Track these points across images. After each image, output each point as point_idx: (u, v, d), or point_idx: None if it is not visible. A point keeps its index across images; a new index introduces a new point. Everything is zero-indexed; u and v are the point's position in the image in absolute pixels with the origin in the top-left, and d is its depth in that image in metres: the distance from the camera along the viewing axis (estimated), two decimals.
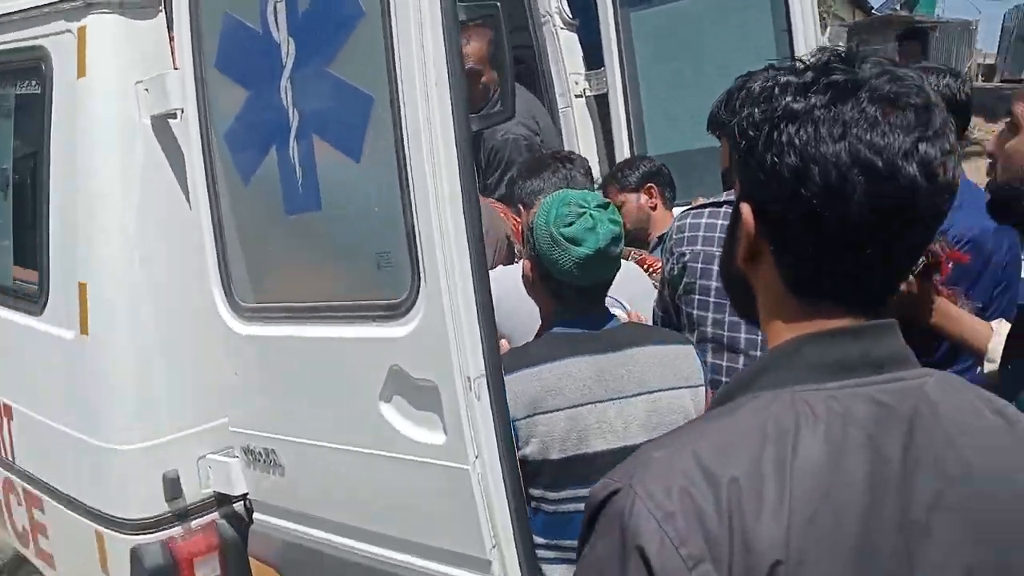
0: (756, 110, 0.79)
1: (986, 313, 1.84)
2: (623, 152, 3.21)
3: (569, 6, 3.39)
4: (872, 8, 20.97)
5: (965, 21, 19.02)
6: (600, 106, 3.40)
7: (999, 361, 1.57)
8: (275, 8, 1.73)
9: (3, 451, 2.55)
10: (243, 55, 1.84)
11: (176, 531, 2.13)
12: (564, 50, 3.33)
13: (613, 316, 1.79)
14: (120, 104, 2.01)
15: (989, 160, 1.31)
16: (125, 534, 2.13)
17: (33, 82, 2.18)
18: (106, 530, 2.17)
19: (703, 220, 2.07)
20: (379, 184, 1.63)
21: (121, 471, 2.12)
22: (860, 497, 0.73)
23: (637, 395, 1.68)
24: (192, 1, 1.91)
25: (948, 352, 1.80)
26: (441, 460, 1.62)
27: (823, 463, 0.73)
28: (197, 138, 1.96)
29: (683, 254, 2.05)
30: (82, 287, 2.07)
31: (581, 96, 3.38)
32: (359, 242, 1.74)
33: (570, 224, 1.66)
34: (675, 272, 2.07)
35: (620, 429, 1.66)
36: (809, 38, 2.66)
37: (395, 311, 1.65)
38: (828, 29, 22.91)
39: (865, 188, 0.74)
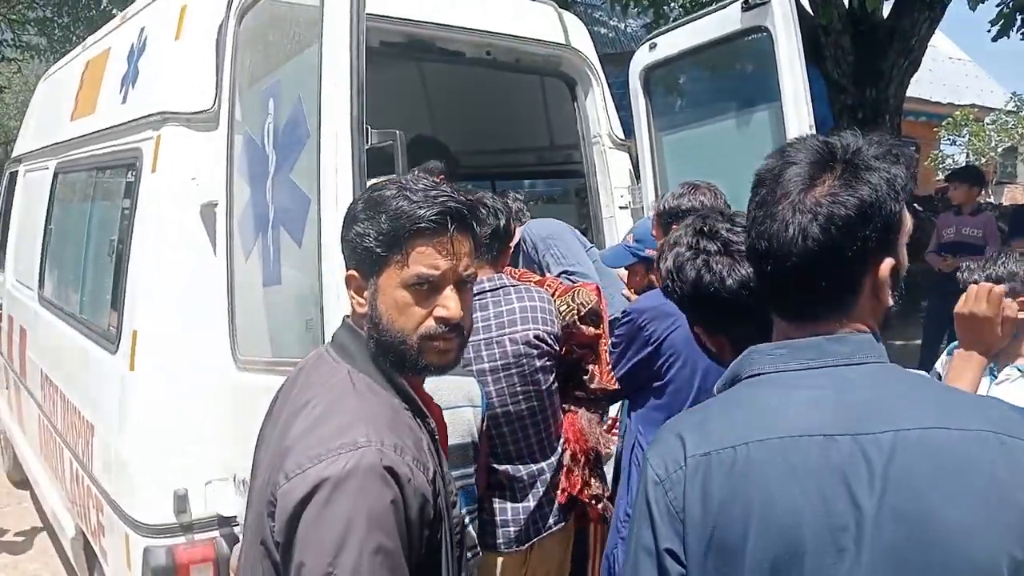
0: None
1: None
2: None
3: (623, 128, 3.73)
4: None
5: None
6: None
7: None
8: (268, 127, 2.24)
9: (87, 462, 3.16)
10: (251, 161, 2.37)
11: (180, 540, 2.58)
12: (611, 167, 3.65)
13: None
14: (177, 194, 2.60)
15: None
16: (141, 536, 2.61)
17: (131, 173, 2.85)
18: (130, 531, 2.67)
19: None
20: (309, 267, 2.05)
21: (140, 483, 2.62)
22: None
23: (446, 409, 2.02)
24: (231, 119, 2.49)
25: None
26: None
27: None
28: (224, 223, 2.50)
29: None
30: (134, 334, 2.64)
31: (626, 208, 3.66)
32: (297, 310, 2.16)
33: None
34: None
35: None
36: None
37: None
38: None
39: None
